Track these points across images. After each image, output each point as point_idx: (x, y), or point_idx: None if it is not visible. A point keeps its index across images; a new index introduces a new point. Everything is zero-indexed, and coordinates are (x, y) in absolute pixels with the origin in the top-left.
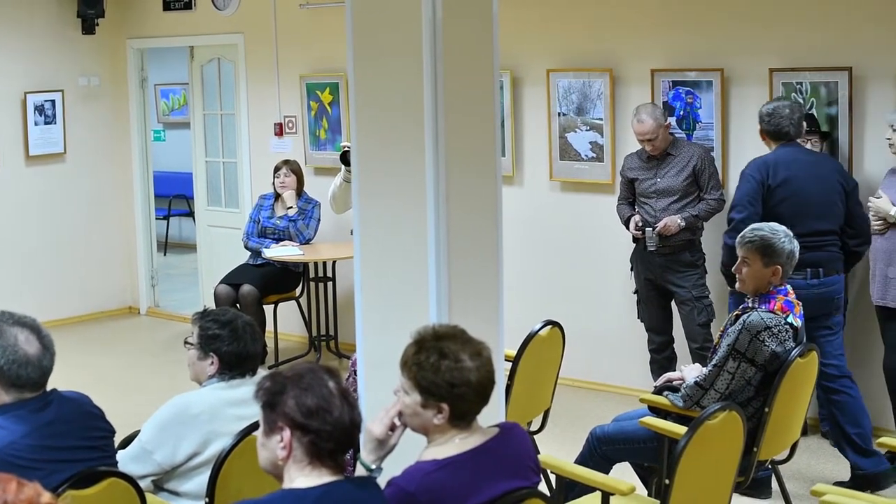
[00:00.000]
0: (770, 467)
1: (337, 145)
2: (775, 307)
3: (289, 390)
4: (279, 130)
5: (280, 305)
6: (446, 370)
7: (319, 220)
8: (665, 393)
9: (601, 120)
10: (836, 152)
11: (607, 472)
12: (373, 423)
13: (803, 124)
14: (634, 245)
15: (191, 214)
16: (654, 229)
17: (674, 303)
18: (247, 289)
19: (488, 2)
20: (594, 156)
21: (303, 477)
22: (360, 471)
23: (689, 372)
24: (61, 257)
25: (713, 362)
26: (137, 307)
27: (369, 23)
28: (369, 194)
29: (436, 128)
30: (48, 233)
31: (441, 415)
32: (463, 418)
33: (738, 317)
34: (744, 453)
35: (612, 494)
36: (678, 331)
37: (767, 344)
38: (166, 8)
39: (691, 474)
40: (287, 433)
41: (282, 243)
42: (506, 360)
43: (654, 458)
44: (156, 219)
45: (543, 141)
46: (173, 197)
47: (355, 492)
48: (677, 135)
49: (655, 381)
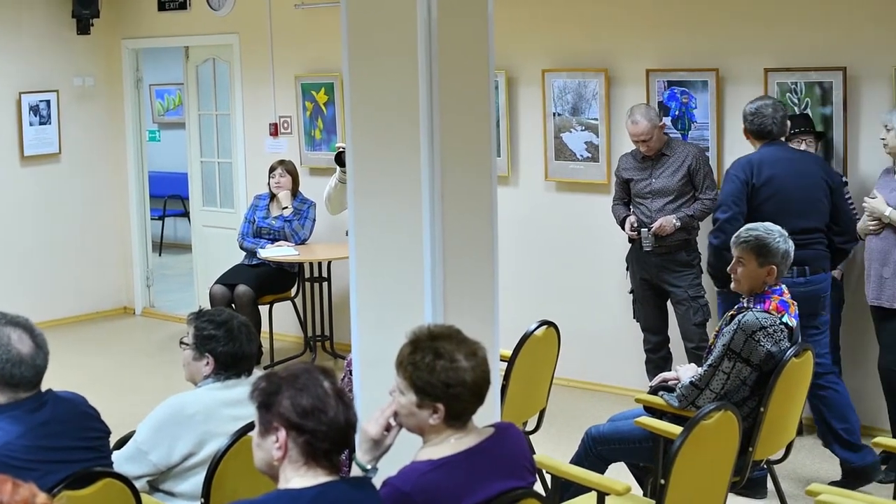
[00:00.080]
0: (765, 467)
1: (332, 146)
2: (770, 307)
3: (284, 391)
4: (274, 130)
5: (275, 306)
6: (442, 370)
7: (315, 220)
8: (660, 393)
9: (596, 120)
10: (831, 152)
11: (603, 472)
12: (368, 423)
13: (787, 123)
14: (630, 245)
15: (186, 215)
16: (649, 230)
17: (670, 302)
18: (242, 289)
19: (483, 1)
20: (589, 156)
21: (298, 477)
22: (355, 471)
23: (684, 372)
24: (56, 258)
25: (708, 362)
26: (133, 307)
27: (364, 23)
28: (364, 194)
29: (431, 128)
30: (43, 233)
31: (436, 415)
32: (458, 418)
33: (733, 317)
34: (739, 453)
35: (608, 494)
36: (674, 331)
37: (763, 344)
38: (161, 8)
39: (687, 474)
40: (282, 433)
41: (277, 243)
42: (501, 360)
43: (650, 458)
44: (151, 219)
45: (539, 141)
46: (168, 197)
47: (351, 492)
48: (672, 135)
49: (651, 381)
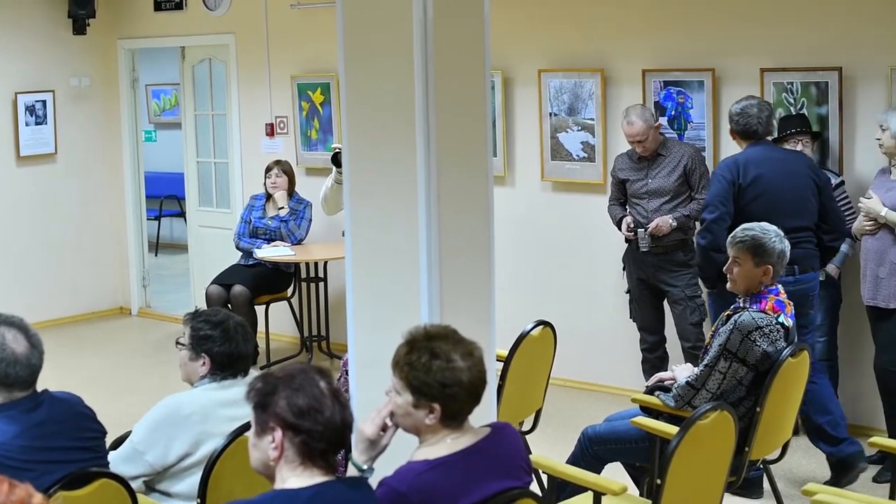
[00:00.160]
0: (761, 467)
1: (328, 146)
2: (766, 307)
3: (280, 391)
4: (270, 131)
5: (271, 306)
6: (438, 370)
7: (311, 220)
8: (657, 393)
9: (592, 120)
10: (827, 152)
11: (599, 472)
12: (364, 423)
13: (773, 122)
14: (627, 245)
15: (182, 215)
16: (646, 230)
17: (666, 302)
18: (238, 289)
19: (479, 2)
20: (585, 156)
21: (294, 477)
22: (351, 471)
23: (680, 372)
24: (52, 258)
25: (704, 362)
26: (129, 308)
27: (360, 23)
28: (361, 194)
29: (427, 128)
30: (39, 233)
31: (433, 415)
32: (454, 418)
33: (729, 317)
34: (735, 453)
35: (604, 494)
36: (670, 330)
37: (759, 344)
38: (157, 8)
39: (683, 474)
40: (278, 433)
41: (273, 244)
42: (497, 360)
43: (646, 457)
44: (147, 219)
45: (535, 141)
46: (164, 197)
47: (347, 492)
48: (668, 135)
49: (647, 380)
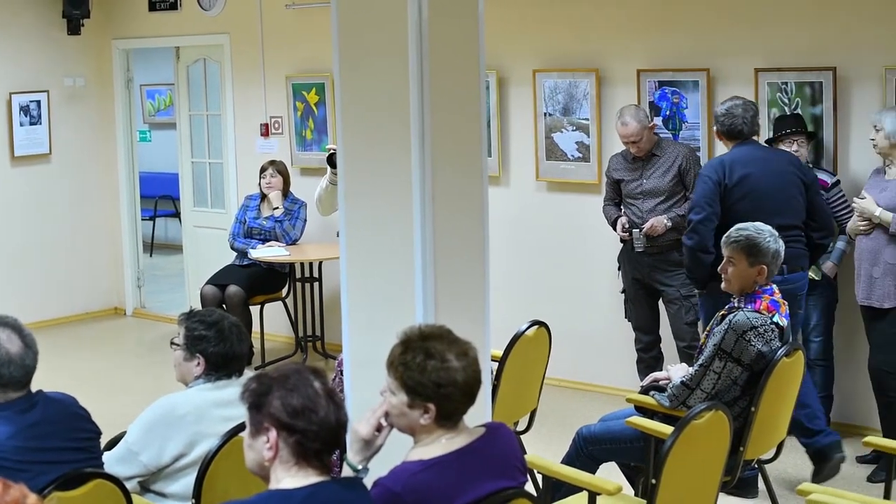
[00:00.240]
0: (756, 467)
1: (323, 146)
2: (761, 307)
3: (274, 391)
4: (265, 131)
5: (266, 306)
6: (433, 370)
7: (306, 220)
8: (651, 393)
9: (587, 120)
10: (821, 152)
11: (594, 472)
12: (359, 423)
13: (758, 122)
14: (622, 245)
15: (177, 215)
16: (640, 230)
17: (661, 302)
18: (233, 289)
19: (474, 2)
20: (580, 156)
21: (289, 477)
22: (346, 471)
23: (675, 371)
24: (47, 258)
25: (699, 362)
26: (123, 308)
27: (355, 23)
28: (355, 194)
29: (422, 128)
30: (33, 234)
31: (427, 415)
32: (449, 418)
33: (724, 316)
34: (730, 453)
35: (599, 494)
36: (665, 330)
37: (753, 344)
38: (152, 8)
39: (678, 474)
40: (273, 434)
41: (268, 244)
42: (492, 360)
43: (641, 457)
44: (142, 220)
45: (529, 141)
46: (159, 198)
47: (342, 492)
48: (663, 135)
49: (642, 380)
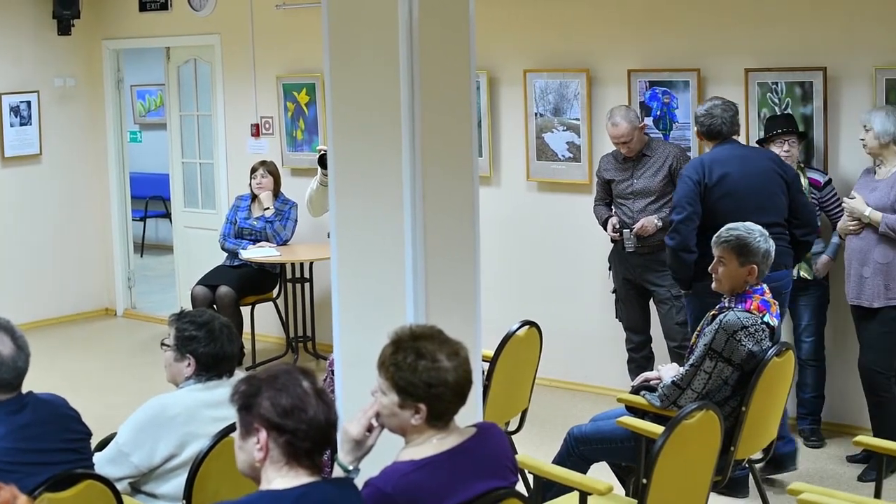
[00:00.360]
0: (747, 466)
1: (314, 146)
2: (752, 307)
3: (263, 392)
4: (256, 131)
5: (257, 306)
6: (423, 370)
7: (296, 221)
8: (642, 392)
9: (578, 120)
10: (812, 152)
11: (585, 471)
12: (350, 423)
13: (738, 122)
14: (613, 245)
15: (167, 216)
16: (631, 230)
17: (652, 302)
18: (224, 290)
19: (464, 2)
20: (571, 156)
21: (280, 478)
22: (337, 472)
23: (666, 371)
24: (37, 259)
25: (690, 362)
26: (114, 309)
27: (346, 23)
28: (346, 194)
29: (412, 128)
30: (24, 234)
31: (418, 415)
32: (440, 418)
33: (714, 316)
34: (721, 452)
35: (590, 494)
36: (656, 330)
37: (744, 343)
38: (142, 9)
39: (668, 474)
40: (263, 434)
41: (259, 244)
42: (483, 361)
43: (632, 457)
44: (132, 220)
45: (520, 141)
46: (150, 198)
47: (333, 493)
48: (653, 135)
49: (633, 380)
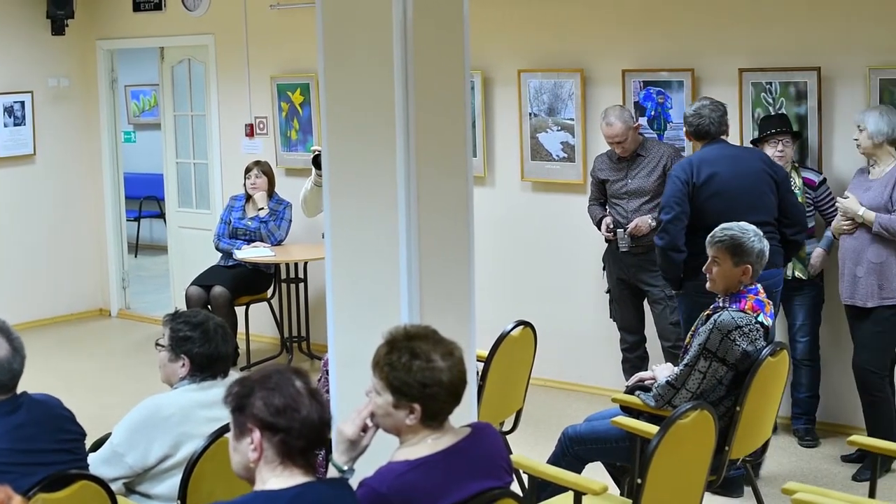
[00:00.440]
0: (742, 466)
1: (308, 146)
2: (746, 306)
3: (256, 392)
4: (250, 131)
5: (252, 307)
6: (418, 370)
7: (291, 221)
8: (637, 392)
9: (572, 120)
10: (806, 152)
11: (580, 471)
12: (345, 424)
13: (726, 122)
14: (607, 245)
15: (162, 216)
16: (625, 230)
17: (646, 302)
18: (218, 290)
19: (459, 2)
20: (565, 156)
21: (275, 478)
22: (332, 472)
23: (660, 371)
24: (31, 259)
25: (684, 362)
26: (108, 309)
27: (340, 23)
28: (340, 195)
29: (407, 128)
30: (18, 235)
31: (413, 415)
32: (435, 418)
33: (709, 316)
34: (715, 452)
35: (585, 494)
36: (650, 330)
37: (738, 343)
38: (136, 9)
39: (663, 473)
40: (257, 434)
41: (253, 244)
42: (478, 361)
43: (627, 457)
44: (126, 220)
45: (515, 141)
46: (144, 198)
47: (328, 493)
48: (648, 135)
49: (627, 380)
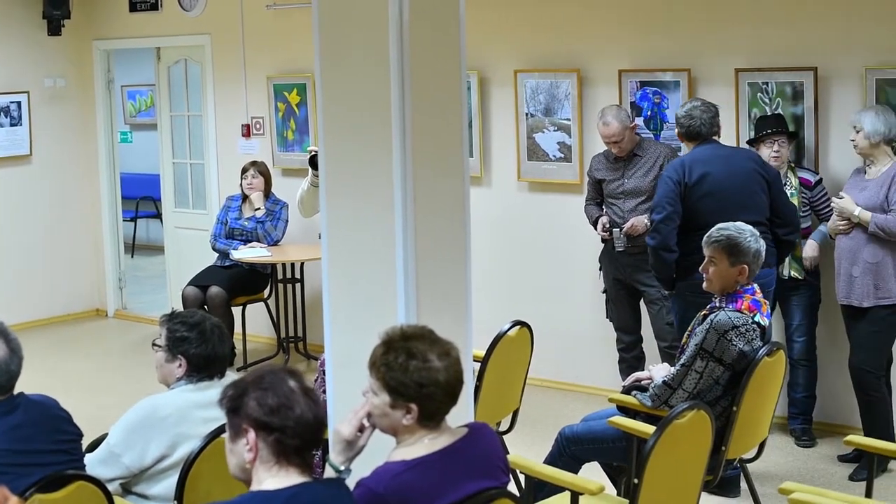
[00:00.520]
0: (738, 466)
1: (304, 146)
2: (742, 306)
3: (250, 392)
4: (246, 132)
5: (248, 307)
6: (415, 370)
7: (287, 221)
8: (634, 392)
9: (569, 120)
10: (802, 152)
11: (576, 471)
12: (341, 424)
13: (718, 123)
14: (603, 245)
15: (158, 216)
16: (621, 230)
17: (643, 302)
18: (215, 290)
19: (455, 2)
20: (562, 156)
21: (271, 478)
22: (328, 472)
23: (657, 371)
24: (28, 260)
25: (681, 362)
26: (105, 309)
27: (336, 24)
28: (337, 195)
29: (403, 128)
30: (14, 235)
31: (410, 415)
32: (432, 418)
33: (705, 316)
34: (712, 452)
35: (581, 494)
36: (647, 330)
37: (735, 343)
38: (132, 9)
39: (660, 473)
40: (252, 434)
41: (250, 245)
42: (474, 361)
43: (623, 457)
44: (123, 221)
45: (511, 141)
46: (140, 199)
47: (325, 493)
48: (644, 135)
49: (624, 380)
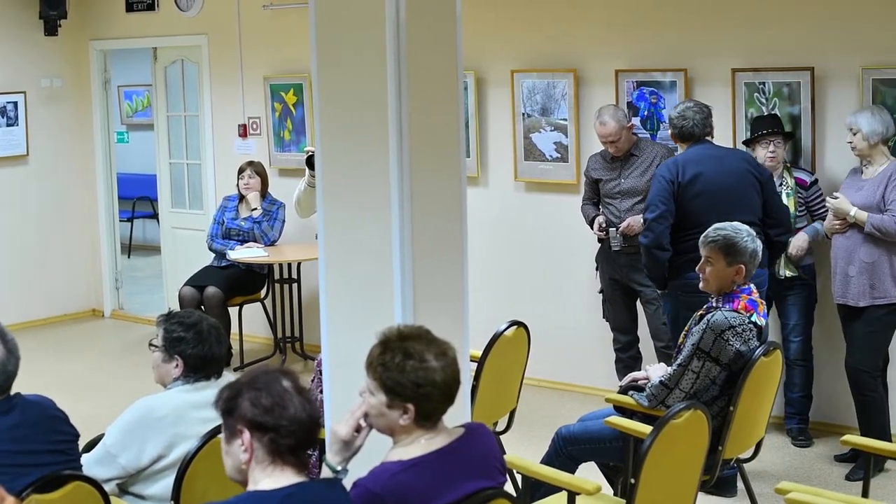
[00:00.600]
0: (735, 466)
1: (301, 146)
2: (739, 306)
3: (244, 393)
4: (243, 132)
5: (245, 307)
6: (411, 370)
7: (284, 221)
8: (630, 392)
9: (565, 120)
10: (799, 152)
11: (573, 471)
12: (338, 424)
13: (711, 123)
14: (599, 245)
15: (155, 216)
16: (618, 229)
17: (639, 302)
18: (211, 291)
19: (452, 2)
20: (559, 156)
21: (267, 478)
22: (325, 472)
23: (654, 371)
24: (24, 260)
25: (678, 362)
26: (101, 310)
27: (333, 24)
28: (334, 195)
29: (400, 129)
30: (11, 235)
31: (407, 415)
32: (428, 419)
33: (702, 316)
34: (709, 452)
35: (578, 494)
36: (643, 330)
37: (732, 343)
38: (129, 9)
39: (657, 473)
40: (246, 435)
41: (246, 245)
42: (471, 361)
43: (620, 457)
44: (119, 221)
45: (508, 141)
46: (137, 199)
47: (321, 493)
48: (641, 135)
49: (621, 380)
